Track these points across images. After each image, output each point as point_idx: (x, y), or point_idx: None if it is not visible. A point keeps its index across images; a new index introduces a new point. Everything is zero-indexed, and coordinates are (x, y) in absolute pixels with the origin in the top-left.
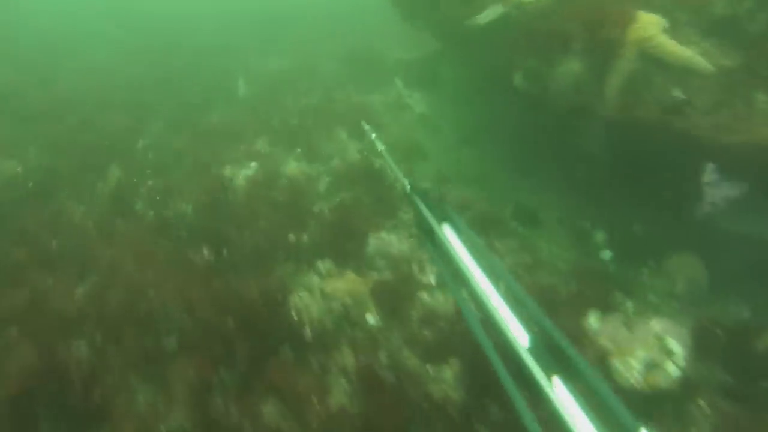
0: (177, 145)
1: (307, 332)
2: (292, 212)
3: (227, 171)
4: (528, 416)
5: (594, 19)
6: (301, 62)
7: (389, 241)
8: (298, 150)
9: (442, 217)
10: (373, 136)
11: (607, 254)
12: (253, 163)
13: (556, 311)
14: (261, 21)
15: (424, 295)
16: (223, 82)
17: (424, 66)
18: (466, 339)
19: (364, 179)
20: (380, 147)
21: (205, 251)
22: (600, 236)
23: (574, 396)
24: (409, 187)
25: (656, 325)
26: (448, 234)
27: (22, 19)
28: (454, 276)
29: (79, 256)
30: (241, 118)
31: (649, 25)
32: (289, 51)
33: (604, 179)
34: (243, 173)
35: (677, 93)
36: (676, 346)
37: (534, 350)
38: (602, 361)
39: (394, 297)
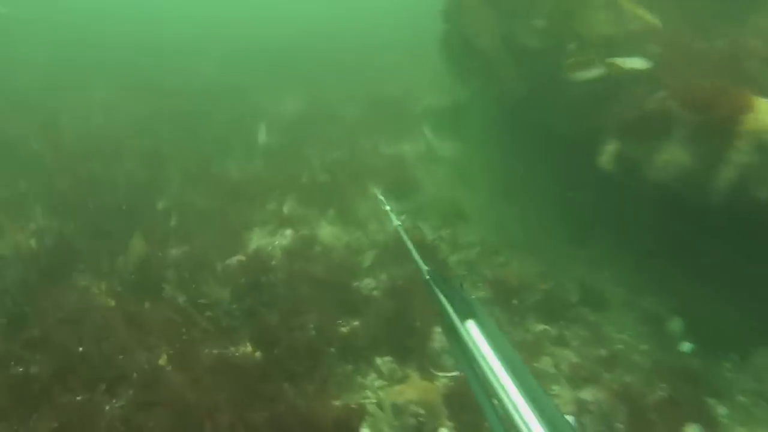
0: (200, 205)
1: None
2: (339, 294)
3: (259, 238)
4: None
5: (701, 99)
6: (320, 105)
7: None
8: (331, 212)
9: (467, 313)
10: (388, 208)
11: (687, 346)
12: (288, 231)
13: (649, 425)
14: (271, 57)
15: None
16: (238, 127)
17: (453, 113)
18: None
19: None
20: (395, 221)
21: (251, 347)
22: (677, 324)
23: None
24: (427, 276)
25: None
26: (474, 334)
27: (14, 51)
28: (481, 383)
29: (109, 360)
30: (263, 172)
31: None
32: (304, 91)
33: (677, 253)
34: (278, 243)
35: None
36: None
37: None
38: None
39: (470, 405)
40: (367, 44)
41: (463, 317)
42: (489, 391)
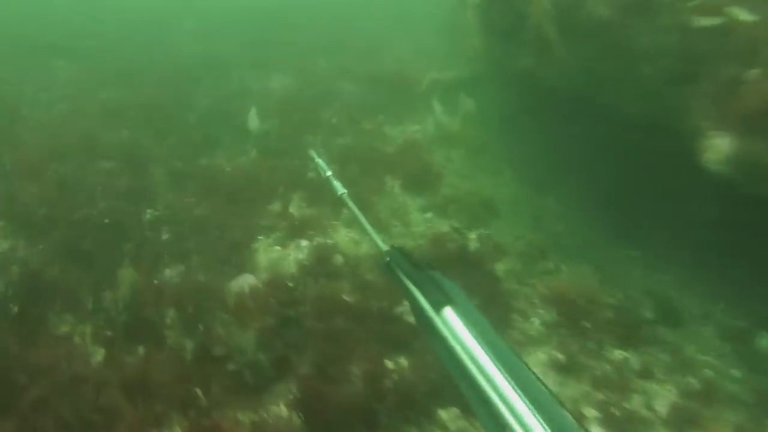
0: (193, 211)
1: None
2: (381, 325)
3: (267, 250)
4: None
5: None
6: (311, 82)
7: None
8: (345, 211)
9: (442, 299)
10: (329, 173)
11: None
12: (303, 241)
13: None
14: (251, 28)
15: None
16: (224, 109)
17: (466, 90)
18: None
19: (455, 264)
20: (339, 189)
21: (286, 410)
22: (766, 341)
23: None
24: (387, 257)
25: None
26: (453, 322)
27: None
28: (468, 379)
29: None
30: (260, 165)
31: None
32: (292, 66)
33: (746, 253)
34: (293, 256)
35: None
36: None
37: None
38: None
39: None
40: (356, 15)
41: (439, 304)
42: (477, 386)
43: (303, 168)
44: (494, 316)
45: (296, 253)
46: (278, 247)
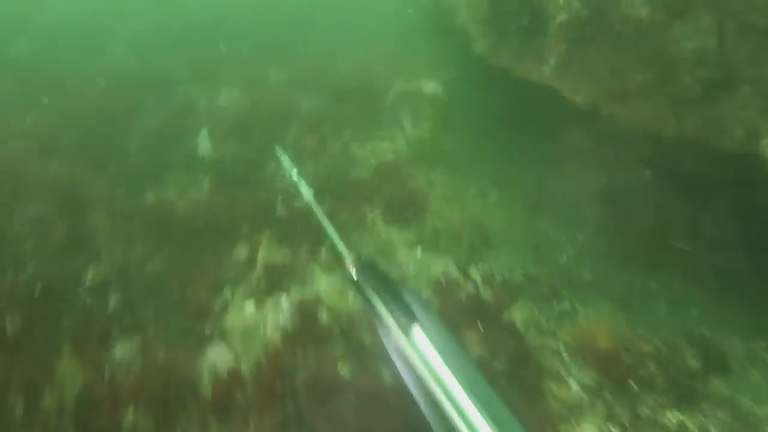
0: (144, 265)
1: None
2: (397, 419)
3: (238, 310)
4: None
5: None
6: (267, 96)
7: None
8: (324, 252)
9: (409, 316)
10: (294, 175)
11: None
12: (284, 300)
13: None
14: (193, 36)
15: None
16: (169, 131)
17: (439, 99)
18: None
19: (469, 317)
20: (306, 195)
21: None
22: None
23: None
24: (354, 274)
25: None
26: (421, 343)
27: None
28: (430, 402)
29: None
30: (218, 197)
31: None
32: (242, 79)
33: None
34: (271, 319)
35: None
36: None
37: None
38: None
39: None
40: (312, 21)
41: (407, 323)
42: (441, 409)
43: (270, 199)
44: (526, 385)
45: (275, 315)
46: (251, 306)
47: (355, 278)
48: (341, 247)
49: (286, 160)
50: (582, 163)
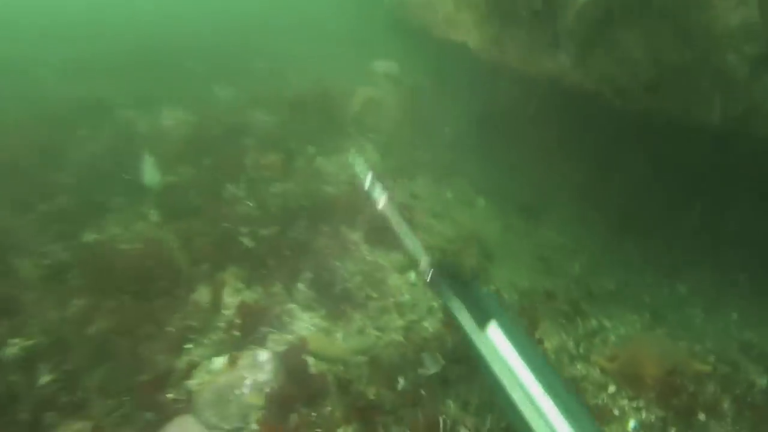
0: (86, 329)
1: None
2: None
3: (205, 372)
4: None
5: None
6: (217, 116)
7: None
8: (302, 287)
9: (485, 315)
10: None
11: None
12: (264, 355)
13: None
14: (131, 59)
15: None
16: (108, 163)
17: (408, 104)
18: None
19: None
20: (381, 201)
21: None
22: None
23: None
24: (430, 275)
25: None
26: (498, 341)
27: None
28: (507, 400)
29: None
30: (170, 232)
31: None
32: (191, 99)
33: None
34: (252, 381)
35: None
36: None
37: None
38: None
39: None
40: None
41: (483, 321)
42: (517, 407)
43: (231, 230)
44: None
45: (253, 372)
46: (222, 364)
47: (430, 280)
48: (417, 250)
49: (359, 164)
50: (592, 161)
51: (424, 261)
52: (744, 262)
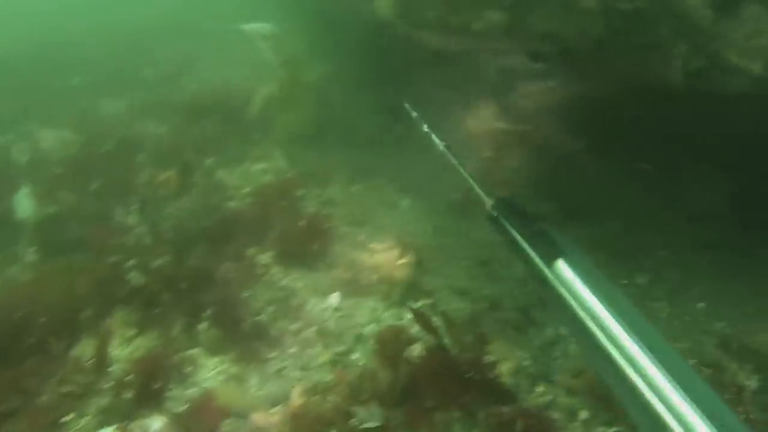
0: None
1: None
2: None
3: None
4: None
5: None
6: (103, 131)
7: None
8: (203, 326)
9: (552, 252)
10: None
11: None
12: (157, 414)
13: None
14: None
15: None
16: None
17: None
18: None
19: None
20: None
21: None
22: None
23: None
24: (492, 204)
25: None
26: (567, 276)
27: None
28: (585, 338)
29: None
30: (48, 273)
31: None
32: (72, 116)
33: None
34: None
35: None
36: None
37: None
38: None
39: None
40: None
41: (550, 257)
42: (600, 346)
43: (120, 265)
44: None
45: None
46: None
47: (495, 217)
48: (477, 188)
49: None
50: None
51: (486, 199)
52: (706, 240)
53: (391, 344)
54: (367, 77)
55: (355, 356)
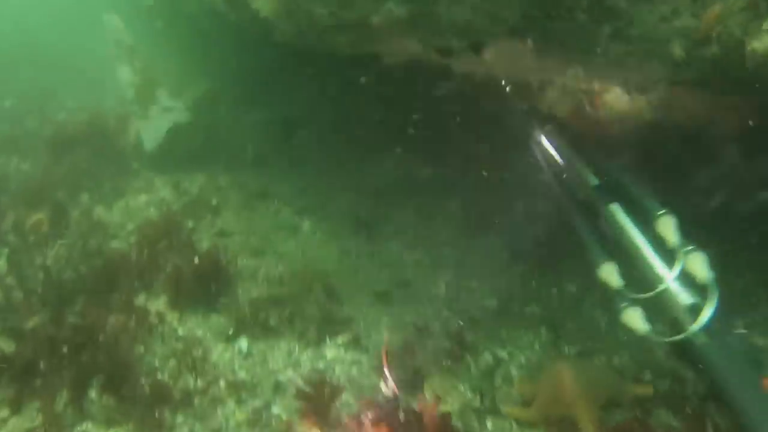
0: None
1: None
2: None
3: None
4: None
5: None
6: None
7: None
8: (93, 394)
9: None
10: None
11: None
12: None
13: None
14: None
15: None
16: None
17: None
18: None
19: None
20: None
21: None
22: None
23: None
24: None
25: None
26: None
27: None
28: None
29: None
30: None
31: None
32: None
33: None
34: None
35: None
36: None
37: None
38: None
39: None
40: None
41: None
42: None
43: None
44: None
45: None
46: None
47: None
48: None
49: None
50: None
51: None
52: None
53: (315, 391)
54: (253, 91)
55: (275, 410)
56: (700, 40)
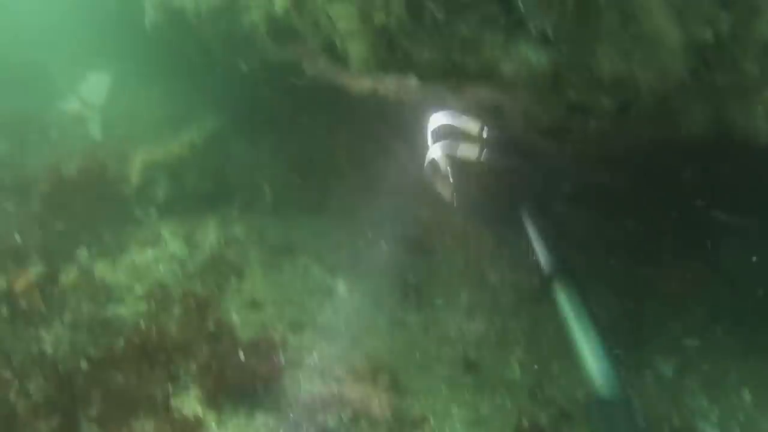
0: None
1: None
2: None
3: None
4: None
5: None
6: None
7: None
8: None
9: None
10: None
11: None
12: None
13: None
14: None
15: None
16: None
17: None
18: None
19: None
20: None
21: None
22: None
23: None
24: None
25: None
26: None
27: None
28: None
29: None
30: None
31: None
32: None
33: None
34: None
35: None
36: None
37: None
38: None
39: None
40: None
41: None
42: None
43: None
44: None
45: None
46: None
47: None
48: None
49: None
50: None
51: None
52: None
53: None
54: (266, 128)
55: None
56: None
